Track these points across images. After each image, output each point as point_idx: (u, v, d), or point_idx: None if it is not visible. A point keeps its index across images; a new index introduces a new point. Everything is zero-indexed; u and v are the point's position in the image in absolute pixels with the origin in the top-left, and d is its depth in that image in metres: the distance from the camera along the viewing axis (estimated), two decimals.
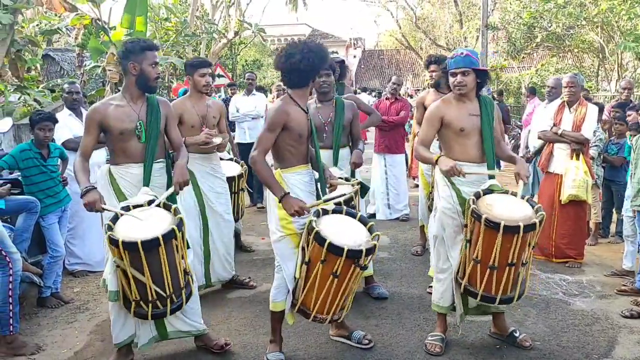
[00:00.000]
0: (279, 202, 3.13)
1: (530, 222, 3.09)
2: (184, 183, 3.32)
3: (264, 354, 3.46)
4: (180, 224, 3.04)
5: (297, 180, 3.31)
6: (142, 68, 3.27)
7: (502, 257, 3.13)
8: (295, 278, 3.23)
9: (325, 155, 3.98)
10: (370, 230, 3.17)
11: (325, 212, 3.24)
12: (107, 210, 3.10)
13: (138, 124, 3.28)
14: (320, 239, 2.98)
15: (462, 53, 3.42)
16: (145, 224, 3.00)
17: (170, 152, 3.58)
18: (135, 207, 3.14)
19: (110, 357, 3.43)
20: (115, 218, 3.06)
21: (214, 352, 3.54)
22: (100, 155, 5.08)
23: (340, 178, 3.86)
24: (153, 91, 3.39)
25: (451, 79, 3.43)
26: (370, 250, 3.03)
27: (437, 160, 3.39)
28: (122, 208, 3.13)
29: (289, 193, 3.14)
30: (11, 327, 3.61)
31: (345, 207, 3.34)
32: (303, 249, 3.14)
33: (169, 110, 3.49)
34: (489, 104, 3.51)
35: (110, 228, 2.98)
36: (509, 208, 3.20)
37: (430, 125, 3.52)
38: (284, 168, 3.31)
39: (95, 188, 3.14)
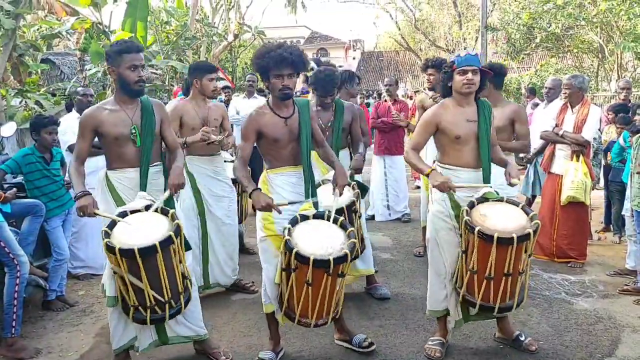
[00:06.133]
0: (249, 197, 3.22)
1: (524, 232, 3.03)
2: (179, 186, 3.25)
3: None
4: (177, 230, 3.01)
5: (281, 181, 3.36)
6: (120, 72, 3.18)
7: (498, 268, 3.09)
8: (276, 283, 3.26)
9: None
10: (349, 237, 3.10)
11: (305, 217, 3.22)
12: (99, 215, 3.08)
13: (132, 129, 3.24)
14: (288, 248, 2.99)
15: (472, 52, 3.39)
16: (142, 230, 2.97)
17: (163, 152, 3.52)
18: (132, 212, 3.10)
19: None
20: (113, 224, 3.02)
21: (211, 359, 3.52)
22: (102, 160, 5.10)
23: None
24: (137, 95, 3.28)
25: (458, 77, 3.33)
26: (340, 259, 2.96)
27: (428, 174, 3.33)
28: (120, 214, 3.09)
29: (259, 189, 3.22)
30: (13, 329, 3.64)
31: (327, 213, 3.27)
32: (282, 254, 3.13)
33: (163, 113, 3.44)
34: (487, 108, 3.44)
35: (107, 235, 2.94)
36: (503, 218, 3.14)
37: (424, 131, 3.47)
38: (269, 169, 3.41)
39: (90, 193, 3.11)
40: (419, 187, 7.09)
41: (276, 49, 3.18)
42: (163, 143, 3.47)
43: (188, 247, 3.34)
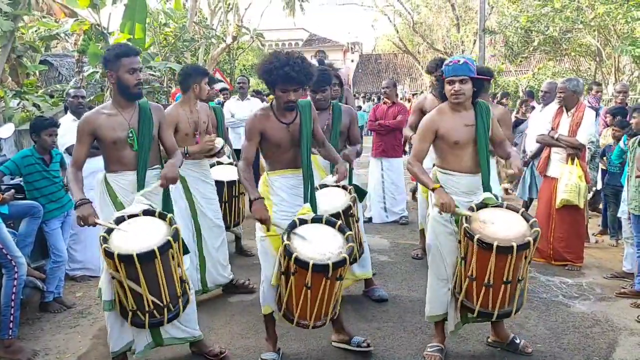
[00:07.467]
0: (250, 204, 3.25)
1: (524, 241, 3.02)
2: (171, 180, 3.26)
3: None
4: (175, 234, 3.03)
5: (281, 183, 3.40)
6: (119, 76, 3.20)
7: (497, 276, 3.08)
8: (273, 285, 3.28)
9: (324, 161, 4.04)
10: (347, 240, 3.12)
11: (304, 221, 3.22)
12: (100, 225, 3.07)
13: (130, 132, 3.24)
14: (288, 253, 3.00)
15: (459, 60, 3.28)
16: (140, 236, 2.98)
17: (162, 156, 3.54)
18: (130, 217, 3.10)
19: None
20: (111, 229, 3.03)
21: (208, 358, 3.53)
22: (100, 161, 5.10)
23: (336, 186, 3.87)
24: (136, 98, 3.30)
25: (447, 87, 3.30)
26: (339, 263, 2.98)
27: (434, 190, 3.28)
28: (117, 218, 3.09)
29: (262, 199, 3.23)
30: (10, 331, 3.64)
31: (325, 216, 3.30)
32: (282, 257, 3.14)
33: (162, 116, 3.45)
34: (485, 110, 3.40)
35: (105, 240, 2.95)
36: (503, 226, 3.12)
37: (423, 139, 3.42)
38: (269, 171, 3.44)
39: (89, 202, 3.11)
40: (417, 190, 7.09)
41: (283, 67, 3.12)
42: (161, 146, 3.49)
43: (186, 251, 3.34)
